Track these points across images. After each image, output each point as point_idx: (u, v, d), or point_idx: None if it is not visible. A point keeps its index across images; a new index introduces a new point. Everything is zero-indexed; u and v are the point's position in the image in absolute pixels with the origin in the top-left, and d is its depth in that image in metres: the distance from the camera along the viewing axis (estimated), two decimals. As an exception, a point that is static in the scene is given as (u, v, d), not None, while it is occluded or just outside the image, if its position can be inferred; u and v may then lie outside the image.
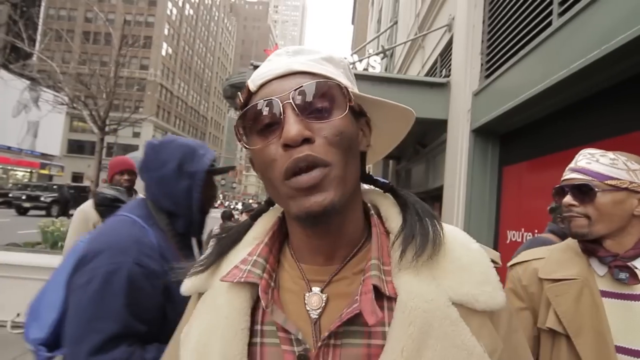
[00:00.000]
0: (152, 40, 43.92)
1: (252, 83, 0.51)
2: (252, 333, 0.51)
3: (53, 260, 4.30)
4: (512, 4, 3.72)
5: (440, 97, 5.13)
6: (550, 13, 3.02)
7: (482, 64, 4.44)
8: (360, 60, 8.16)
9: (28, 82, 23.67)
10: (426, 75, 6.96)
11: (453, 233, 0.53)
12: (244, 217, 3.09)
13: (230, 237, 0.61)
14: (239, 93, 0.53)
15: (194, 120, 59.26)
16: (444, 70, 5.99)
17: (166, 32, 47.25)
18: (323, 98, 0.48)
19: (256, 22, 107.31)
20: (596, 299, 1.03)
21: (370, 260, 0.50)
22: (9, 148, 28.68)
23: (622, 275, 1.01)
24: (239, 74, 7.37)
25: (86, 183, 28.88)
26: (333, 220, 0.49)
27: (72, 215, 2.54)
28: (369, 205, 0.59)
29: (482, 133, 4.29)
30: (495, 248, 4.04)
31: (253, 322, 0.52)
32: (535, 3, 3.26)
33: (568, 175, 1.25)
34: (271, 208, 0.64)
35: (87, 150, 41.34)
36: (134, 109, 13.71)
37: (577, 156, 1.31)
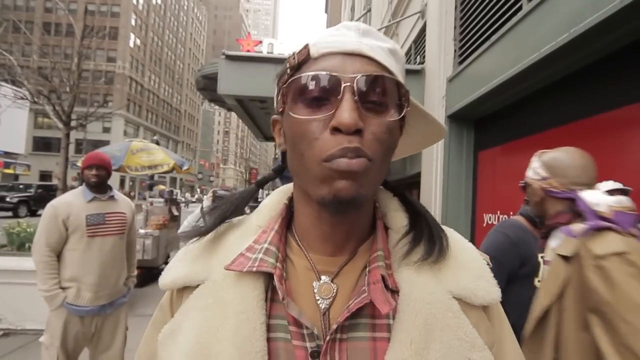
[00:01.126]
0: (119, 30, 42.22)
1: (315, 48, 0.47)
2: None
3: (21, 262, 4.11)
4: (483, -12, 3.75)
5: (415, 84, 5.15)
6: (520, -3, 3.06)
7: (455, 50, 4.48)
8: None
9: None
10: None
11: (450, 233, 0.55)
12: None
13: (232, 203, 0.57)
14: (293, 53, 0.49)
15: (167, 114, 57.65)
16: (418, 57, 6.02)
17: (133, 22, 45.47)
18: (384, 94, 0.46)
19: (227, 11, 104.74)
20: None
21: (376, 251, 0.50)
22: (-32, 147, 27.18)
23: None
24: (211, 64, 7.18)
25: (55, 182, 27.78)
26: (353, 211, 0.48)
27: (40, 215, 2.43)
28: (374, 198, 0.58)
29: (457, 119, 4.34)
30: (473, 232, 4.14)
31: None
32: (506, -12, 3.29)
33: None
34: (275, 191, 0.60)
35: (55, 147, 39.64)
36: (102, 103, 13.17)
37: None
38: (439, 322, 0.45)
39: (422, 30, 5.62)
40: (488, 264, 0.54)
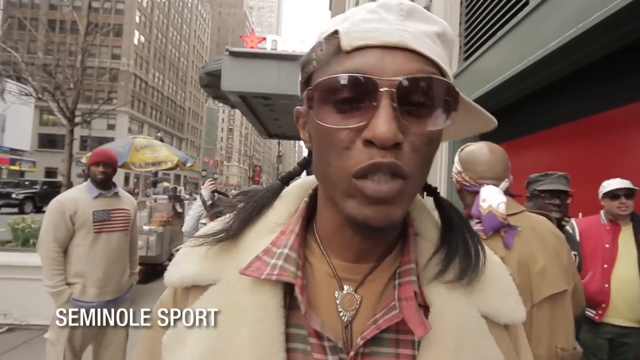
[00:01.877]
0: (123, 28, 42.32)
1: (347, 39, 0.39)
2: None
3: (25, 258, 4.14)
4: (489, -16, 3.71)
5: (420, 80, 5.14)
6: (527, -8, 3.02)
7: (460, 47, 4.44)
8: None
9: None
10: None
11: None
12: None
13: (257, 205, 0.51)
14: (321, 41, 0.41)
15: (171, 111, 57.80)
16: (423, 53, 6.00)
17: (137, 19, 45.53)
18: (429, 98, 0.38)
19: (231, 8, 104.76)
20: None
21: (408, 263, 0.45)
22: (-26, 144, 27.40)
23: None
24: (215, 61, 7.20)
25: (60, 178, 27.96)
26: (385, 235, 0.43)
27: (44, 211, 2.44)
28: None
29: (462, 116, 4.32)
30: (476, 229, 4.12)
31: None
32: (512, -17, 3.25)
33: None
34: (295, 183, 0.55)
35: (60, 144, 39.84)
36: (106, 100, 13.21)
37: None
38: (468, 343, 0.42)
39: (427, 27, 5.59)
40: (510, 275, 0.51)
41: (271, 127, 8.87)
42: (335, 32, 0.40)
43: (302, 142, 0.48)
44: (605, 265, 2.10)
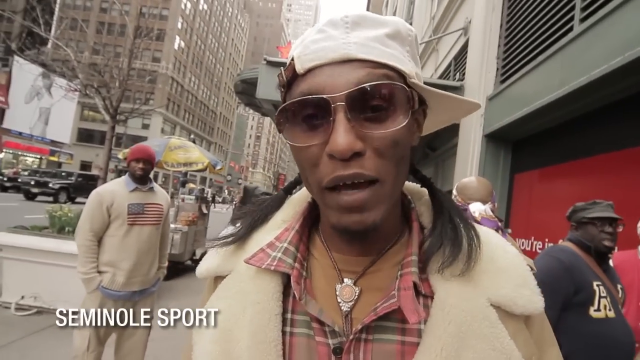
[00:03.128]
0: (165, 32, 44.19)
1: (300, 62, 0.42)
2: (282, 321, 0.48)
3: (60, 244, 4.33)
4: (531, 8, 3.68)
5: (453, 100, 5.09)
6: (572, 18, 2.98)
7: (497, 69, 4.40)
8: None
9: (42, 69, 23.92)
10: (439, 78, 6.91)
11: (489, 236, 0.50)
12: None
13: (261, 212, 0.57)
14: (281, 68, 0.45)
15: (203, 115, 59.46)
16: (458, 74, 5.95)
17: (179, 25, 47.43)
18: (383, 101, 0.41)
19: (269, 19, 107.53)
20: None
21: (410, 255, 0.47)
22: (20, 134, 29.01)
23: None
24: (251, 69, 7.38)
25: (94, 172, 29.09)
26: (371, 233, 0.45)
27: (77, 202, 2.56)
28: (409, 197, 0.55)
29: (495, 138, 4.24)
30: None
31: (284, 309, 0.48)
32: (557, 8, 3.21)
33: None
34: (303, 188, 0.58)
35: (97, 139, 41.64)
36: (145, 101, 13.78)
37: None
38: (474, 330, 0.42)
39: (464, 47, 5.55)
40: (532, 269, 0.50)
41: (300, 136, 8.98)
42: (292, 59, 0.43)
43: None
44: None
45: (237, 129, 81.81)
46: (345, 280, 0.48)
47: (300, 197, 0.58)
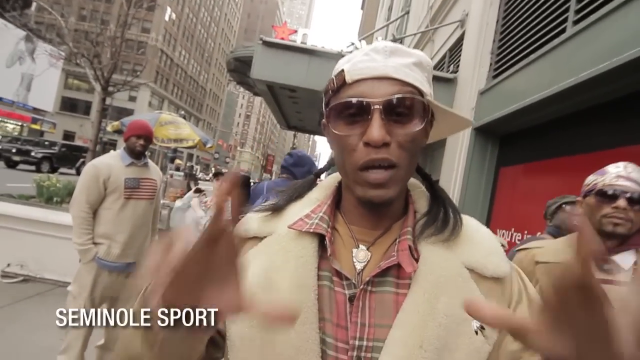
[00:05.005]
0: (156, 2, 42.77)
1: (349, 75, 0.57)
2: None
3: (47, 214, 4.32)
4: (528, 6, 3.74)
5: (446, 92, 5.17)
6: (566, 20, 3.06)
7: (491, 64, 4.48)
8: (360, 49, 8.09)
9: (25, 32, 22.94)
10: (433, 69, 6.95)
11: (467, 219, 0.66)
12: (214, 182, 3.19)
13: (297, 190, 0.71)
14: (333, 77, 0.60)
15: (192, 91, 58.25)
16: (452, 66, 6.02)
17: (171, -4, 45.98)
18: (407, 108, 0.56)
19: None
20: None
21: (406, 227, 0.62)
22: (0, 99, 28.00)
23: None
24: (245, 47, 7.29)
25: (77, 142, 28.36)
26: (386, 207, 0.61)
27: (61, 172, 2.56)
28: (408, 188, 0.69)
29: (484, 132, 4.36)
30: (483, 245, 4.19)
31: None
32: (552, 9, 3.29)
33: (620, 182, 1.40)
34: (330, 176, 0.74)
35: (81, 109, 40.55)
36: (133, 73, 13.42)
37: (621, 165, 1.49)
38: (449, 282, 0.56)
39: (459, 40, 5.61)
40: (503, 246, 0.64)
41: (292, 119, 8.96)
42: (342, 71, 0.58)
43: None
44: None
45: (227, 106, 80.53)
46: (361, 246, 0.62)
47: (329, 183, 0.72)
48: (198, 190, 3.29)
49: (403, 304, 0.56)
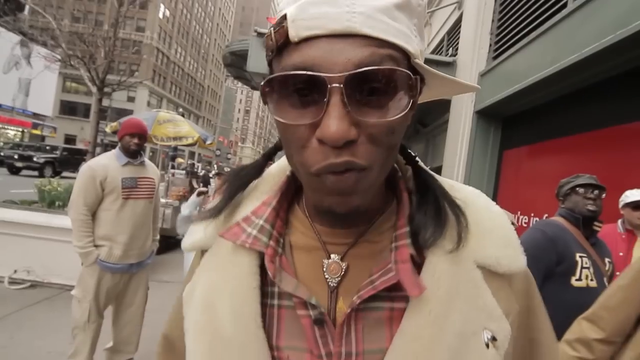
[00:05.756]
0: (150, 0, 42.42)
1: (294, 28, 0.36)
2: (265, 293, 0.47)
3: (50, 219, 4.31)
4: (527, -17, 3.64)
5: (446, 76, 5.08)
6: (566, -6, 2.97)
7: (490, 45, 4.39)
8: None
9: (20, 36, 22.86)
10: (431, 54, 6.85)
11: (474, 196, 0.50)
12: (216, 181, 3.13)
13: (241, 180, 0.54)
14: (271, 29, 0.39)
15: (190, 88, 58.04)
16: (451, 49, 5.91)
17: (164, -7, 45.59)
18: (384, 84, 0.37)
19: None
20: None
21: (403, 227, 0.46)
22: (0, 106, 28.02)
23: None
24: (240, 41, 7.19)
25: (79, 145, 28.42)
26: (354, 215, 0.44)
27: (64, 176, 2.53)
28: (395, 166, 0.52)
29: (486, 115, 4.28)
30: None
31: (266, 282, 0.47)
32: (552, -17, 3.19)
33: None
34: (283, 158, 0.54)
35: (80, 112, 40.51)
36: (129, 72, 13.35)
37: None
38: (460, 293, 0.43)
39: (457, 22, 5.50)
40: (513, 224, 0.51)
41: (291, 111, 8.89)
42: (284, 18, 0.37)
43: None
44: (618, 273, 2.12)
45: (226, 102, 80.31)
46: (332, 256, 0.47)
47: (280, 170, 0.56)
48: (201, 193, 3.25)
49: (402, 325, 0.42)
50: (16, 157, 18.11)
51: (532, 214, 3.45)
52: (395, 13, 0.38)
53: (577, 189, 1.86)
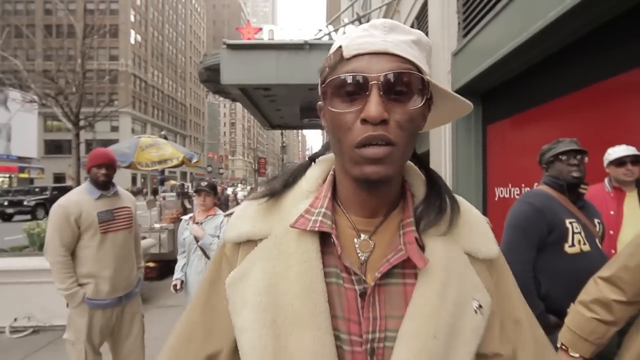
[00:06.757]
0: (119, 28, 42.15)
1: (347, 50, 0.55)
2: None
3: (43, 262, 4.22)
4: (485, -43, 3.64)
5: (420, 61, 5.07)
6: (525, -38, 2.96)
7: (459, 23, 4.38)
8: (336, 30, 7.96)
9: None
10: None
11: (460, 202, 0.65)
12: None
13: (292, 174, 0.69)
14: (330, 54, 0.57)
15: (173, 109, 57.76)
16: (421, 33, 5.91)
17: (132, 18, 45.27)
18: (406, 85, 0.53)
19: (226, 0, 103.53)
20: None
21: (408, 217, 0.61)
22: (-18, 154, 27.70)
23: None
24: (213, 55, 7.15)
25: (68, 183, 28.16)
26: (383, 186, 0.59)
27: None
28: (404, 176, 0.68)
29: (464, 93, 4.26)
30: (485, 206, 4.11)
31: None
32: (509, -47, 3.18)
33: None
34: (321, 159, 0.71)
35: (66, 149, 40.12)
36: (108, 102, 13.23)
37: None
38: (454, 271, 0.58)
39: (424, 5, 5.50)
40: (488, 223, 0.67)
41: (273, 118, 8.85)
42: (340, 47, 0.56)
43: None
44: (611, 232, 2.11)
45: (210, 118, 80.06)
46: (362, 236, 0.61)
47: (322, 170, 0.69)
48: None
49: (413, 296, 0.57)
50: (6, 203, 17.90)
51: (523, 185, 3.44)
52: (412, 45, 0.56)
53: (560, 156, 1.83)
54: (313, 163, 0.72)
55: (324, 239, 0.60)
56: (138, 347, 2.49)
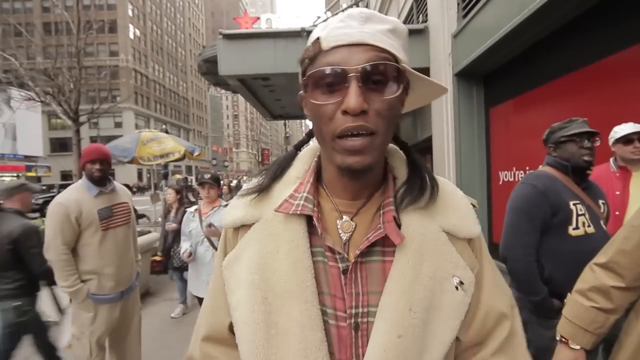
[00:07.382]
0: (117, 23, 41.90)
1: (325, 42, 0.57)
2: None
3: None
4: None
5: (420, 44, 4.97)
6: (524, -64, 2.85)
7: (458, 3, 4.27)
8: (335, 16, 7.79)
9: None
10: (403, 23, 6.71)
11: (444, 184, 0.69)
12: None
13: (280, 166, 0.72)
14: (309, 45, 0.59)
15: (175, 103, 57.60)
16: (421, 15, 5.78)
17: (130, 13, 44.90)
18: (383, 75, 0.55)
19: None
20: None
21: (388, 198, 0.64)
22: (-11, 154, 27.95)
23: None
24: (211, 47, 7.06)
25: (75, 180, 28.36)
26: (365, 174, 0.62)
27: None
28: (385, 156, 0.71)
29: (465, 76, 4.19)
30: (489, 190, 4.05)
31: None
32: None
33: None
34: (307, 147, 0.75)
35: (71, 147, 40.41)
36: (109, 98, 13.24)
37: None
38: (430, 246, 0.61)
39: (423, -13, 5.36)
40: (474, 206, 0.70)
41: (274, 108, 8.77)
42: (318, 38, 0.58)
43: (307, 121, 0.64)
44: (617, 213, 2.05)
45: (213, 111, 79.89)
46: (344, 217, 0.65)
47: (307, 157, 0.73)
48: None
49: (390, 272, 0.60)
50: (15, 202, 18.05)
51: (527, 168, 3.38)
52: (388, 34, 0.58)
53: (575, 137, 1.75)
54: (298, 151, 0.76)
55: (311, 221, 0.63)
56: (137, 339, 2.56)
